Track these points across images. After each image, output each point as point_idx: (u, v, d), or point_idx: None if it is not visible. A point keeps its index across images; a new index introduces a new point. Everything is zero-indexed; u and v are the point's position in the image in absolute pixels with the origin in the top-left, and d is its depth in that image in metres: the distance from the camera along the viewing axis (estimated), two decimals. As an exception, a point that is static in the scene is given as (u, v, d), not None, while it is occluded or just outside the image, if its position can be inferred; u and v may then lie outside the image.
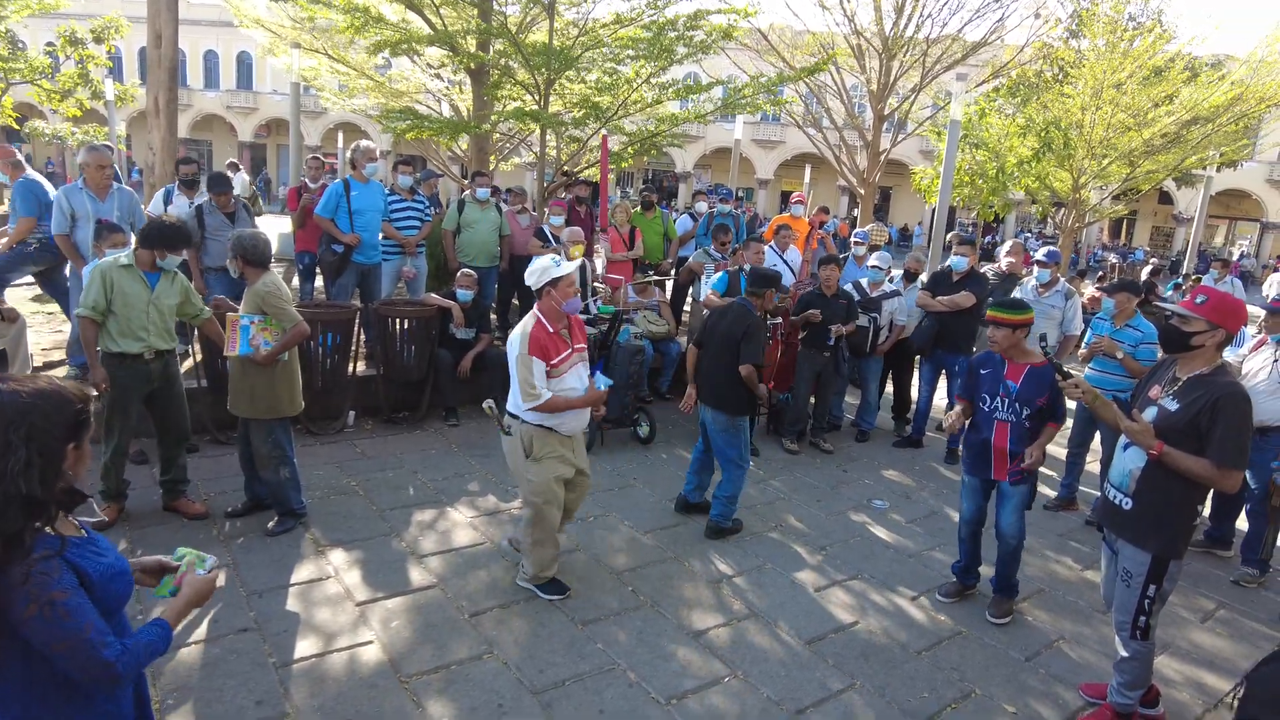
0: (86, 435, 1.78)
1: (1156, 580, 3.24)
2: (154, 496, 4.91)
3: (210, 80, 42.63)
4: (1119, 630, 3.39)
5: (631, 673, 3.61)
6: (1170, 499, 3.17)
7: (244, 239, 4.55)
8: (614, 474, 5.97)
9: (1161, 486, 3.16)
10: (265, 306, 4.52)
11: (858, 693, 3.61)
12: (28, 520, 1.63)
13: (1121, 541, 3.33)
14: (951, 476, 6.51)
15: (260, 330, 4.53)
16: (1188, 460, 3.06)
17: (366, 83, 12.26)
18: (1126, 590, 3.31)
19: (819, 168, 23.38)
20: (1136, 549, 3.24)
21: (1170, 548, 3.21)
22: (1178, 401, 3.15)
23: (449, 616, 3.95)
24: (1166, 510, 3.18)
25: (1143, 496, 3.21)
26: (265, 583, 4.13)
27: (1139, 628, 3.31)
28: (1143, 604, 3.27)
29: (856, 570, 4.78)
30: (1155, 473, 3.16)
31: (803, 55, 16.43)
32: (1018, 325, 4.10)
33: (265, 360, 4.51)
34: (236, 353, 4.48)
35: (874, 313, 6.94)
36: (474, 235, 7.76)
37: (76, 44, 20.61)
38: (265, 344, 4.52)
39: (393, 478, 5.56)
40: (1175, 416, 3.13)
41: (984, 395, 4.21)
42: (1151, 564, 3.22)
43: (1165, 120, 14.04)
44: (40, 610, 1.63)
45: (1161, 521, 3.19)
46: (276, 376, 4.60)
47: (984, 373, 4.23)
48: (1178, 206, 35.08)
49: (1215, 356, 3.18)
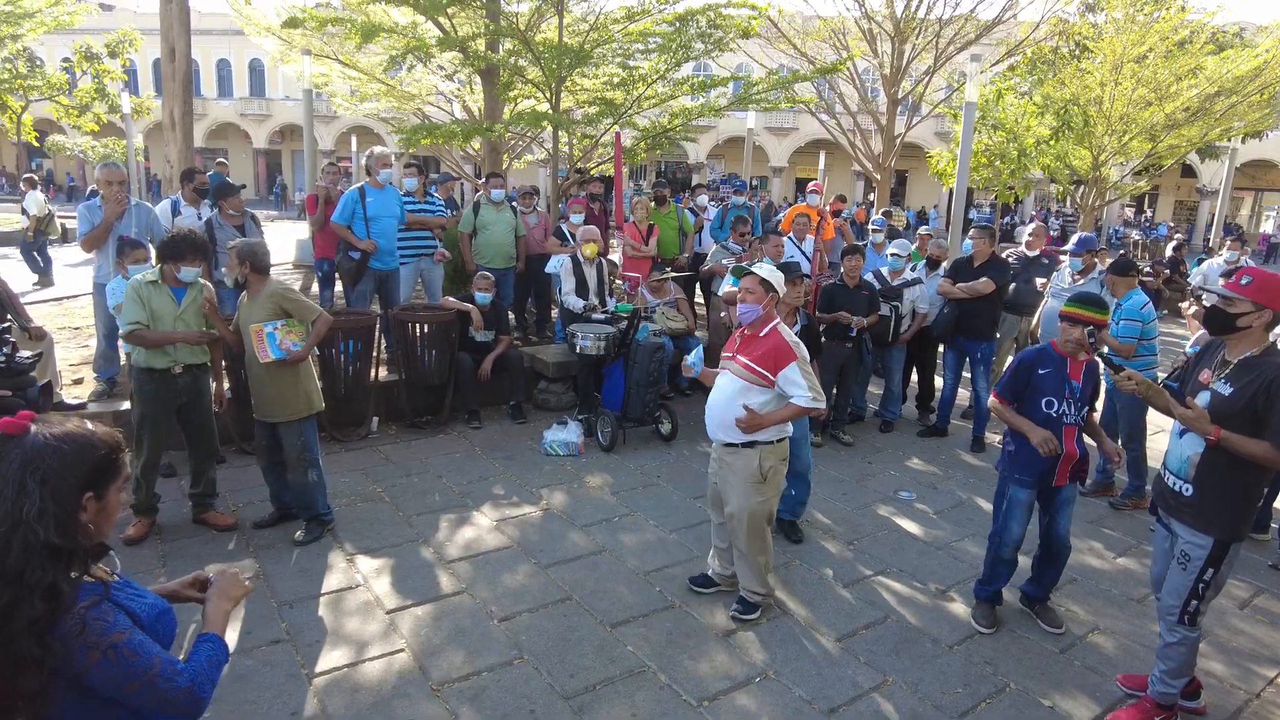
0: (112, 485, 1.68)
1: (1216, 564, 3.20)
2: (183, 509, 4.96)
3: (224, 89, 43.07)
4: (1166, 615, 3.34)
5: (662, 674, 3.60)
6: (1234, 483, 3.14)
7: (253, 247, 4.61)
8: (638, 472, 5.96)
9: (1224, 472, 3.13)
10: (287, 305, 4.60)
11: (891, 689, 3.58)
12: (57, 570, 1.54)
13: (1181, 525, 3.28)
14: (977, 465, 6.44)
15: (286, 333, 4.59)
16: (1248, 444, 3.02)
17: (378, 87, 12.31)
18: (1182, 573, 3.26)
19: (833, 153, 23.18)
20: (1198, 533, 3.21)
21: (1235, 531, 3.18)
22: (1231, 385, 3.11)
23: (479, 622, 3.96)
24: (1231, 495, 3.15)
25: (1205, 482, 3.17)
26: (295, 593, 4.16)
27: (1188, 612, 3.26)
28: (1197, 588, 3.23)
29: (885, 564, 4.74)
30: (1216, 458, 3.12)
31: (814, 41, 16.30)
32: (1102, 324, 3.93)
33: (301, 358, 4.61)
34: (272, 359, 4.52)
35: (895, 301, 6.86)
36: (490, 237, 7.77)
37: (92, 59, 20.90)
38: (294, 345, 4.59)
39: (418, 483, 5.59)
40: (1230, 400, 3.09)
41: (1049, 398, 3.84)
42: (1214, 548, 3.19)
43: (1188, 94, 13.77)
44: (104, 655, 1.57)
45: (1226, 506, 3.16)
46: (301, 375, 4.68)
47: (1044, 373, 3.86)
48: (1201, 180, 34.44)
49: (1264, 337, 3.12)
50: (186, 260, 4.53)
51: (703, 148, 38.73)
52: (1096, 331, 3.92)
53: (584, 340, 6.44)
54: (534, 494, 5.46)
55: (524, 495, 5.45)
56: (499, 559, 4.58)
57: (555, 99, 10.18)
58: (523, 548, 4.71)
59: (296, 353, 4.58)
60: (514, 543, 4.77)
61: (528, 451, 6.24)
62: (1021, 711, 3.50)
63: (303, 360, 4.65)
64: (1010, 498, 4.00)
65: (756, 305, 3.83)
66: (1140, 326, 5.43)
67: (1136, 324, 5.43)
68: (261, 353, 4.53)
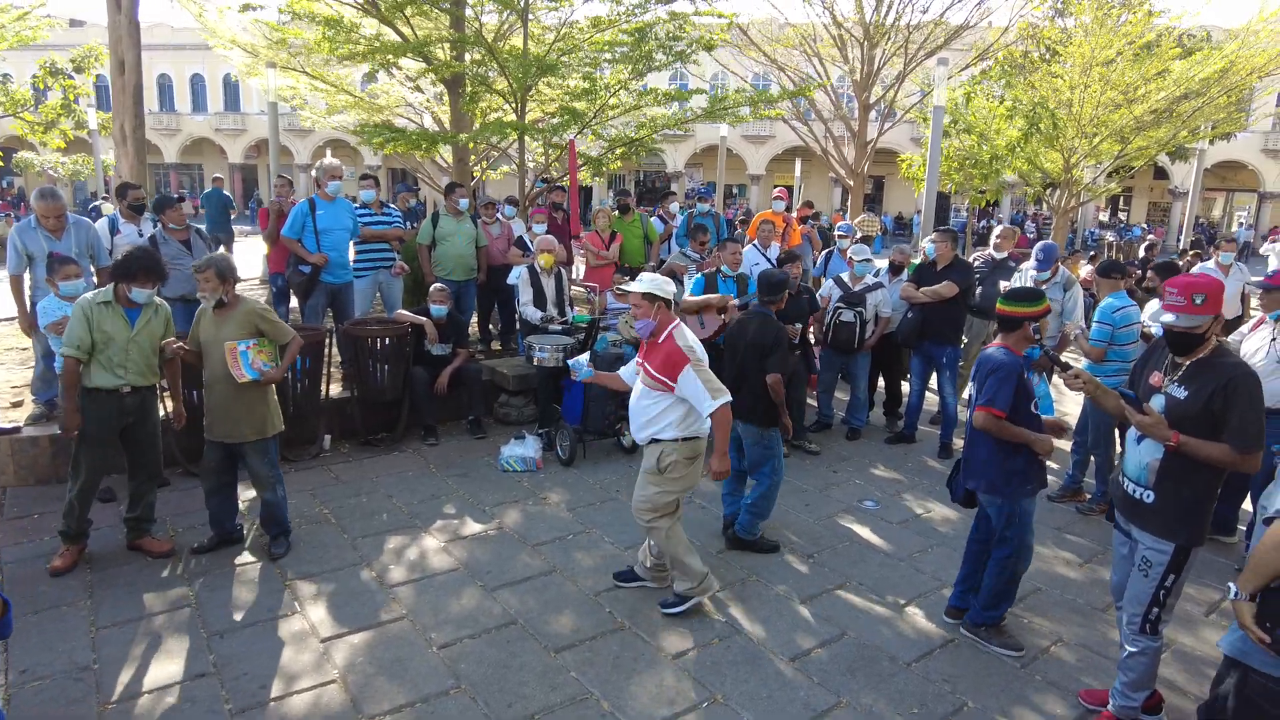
0: None
1: (1177, 570, 3.14)
2: (117, 535, 4.76)
3: (198, 104, 42.69)
4: (1128, 624, 3.26)
5: (605, 702, 3.44)
6: (1194, 488, 3.08)
7: (224, 261, 4.51)
8: (597, 487, 5.80)
9: (1184, 477, 3.07)
10: (262, 325, 4.52)
11: (843, 712, 3.44)
12: None
13: (1142, 531, 3.20)
14: (944, 471, 6.31)
15: (257, 353, 4.48)
16: (1207, 447, 2.97)
17: (346, 99, 12.14)
18: (1144, 580, 3.19)
19: (810, 161, 23.24)
20: (1160, 539, 3.13)
21: (1196, 536, 3.12)
22: (1185, 388, 3.05)
23: (417, 650, 3.79)
24: (1192, 500, 3.10)
25: (1166, 488, 3.11)
26: (227, 623, 3.97)
27: (1149, 620, 3.19)
28: (1158, 595, 3.16)
29: (845, 578, 4.61)
30: (1175, 464, 3.07)
31: (784, 48, 16.29)
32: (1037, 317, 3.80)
33: (276, 379, 4.55)
34: (247, 379, 4.39)
35: (859, 307, 6.76)
36: (450, 248, 7.62)
37: (57, 75, 20.56)
38: (265, 365, 4.49)
39: (366, 503, 5.41)
40: (1186, 404, 3.03)
41: (1035, 400, 3.84)
42: (1175, 554, 3.12)
43: (1156, 96, 13.83)
44: None
45: (1187, 511, 3.10)
46: (268, 393, 4.60)
47: (1027, 376, 3.82)
48: (1173, 181, 34.76)
49: (1213, 339, 3.11)
50: (138, 280, 4.35)
51: (680, 156, 38.78)
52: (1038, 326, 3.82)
53: (542, 352, 6.30)
54: (487, 512, 5.29)
55: (476, 514, 5.28)
56: (444, 582, 4.40)
57: (520, 108, 10.07)
58: (470, 570, 4.54)
59: (270, 374, 4.50)
60: (461, 564, 4.60)
61: (484, 468, 6.07)
62: (979, 731, 3.37)
63: (277, 381, 4.59)
64: (1024, 512, 3.84)
65: (648, 319, 3.98)
66: (1111, 330, 5.32)
67: (1107, 328, 5.32)
68: (236, 372, 4.38)
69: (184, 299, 6.06)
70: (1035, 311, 3.78)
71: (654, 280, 4.04)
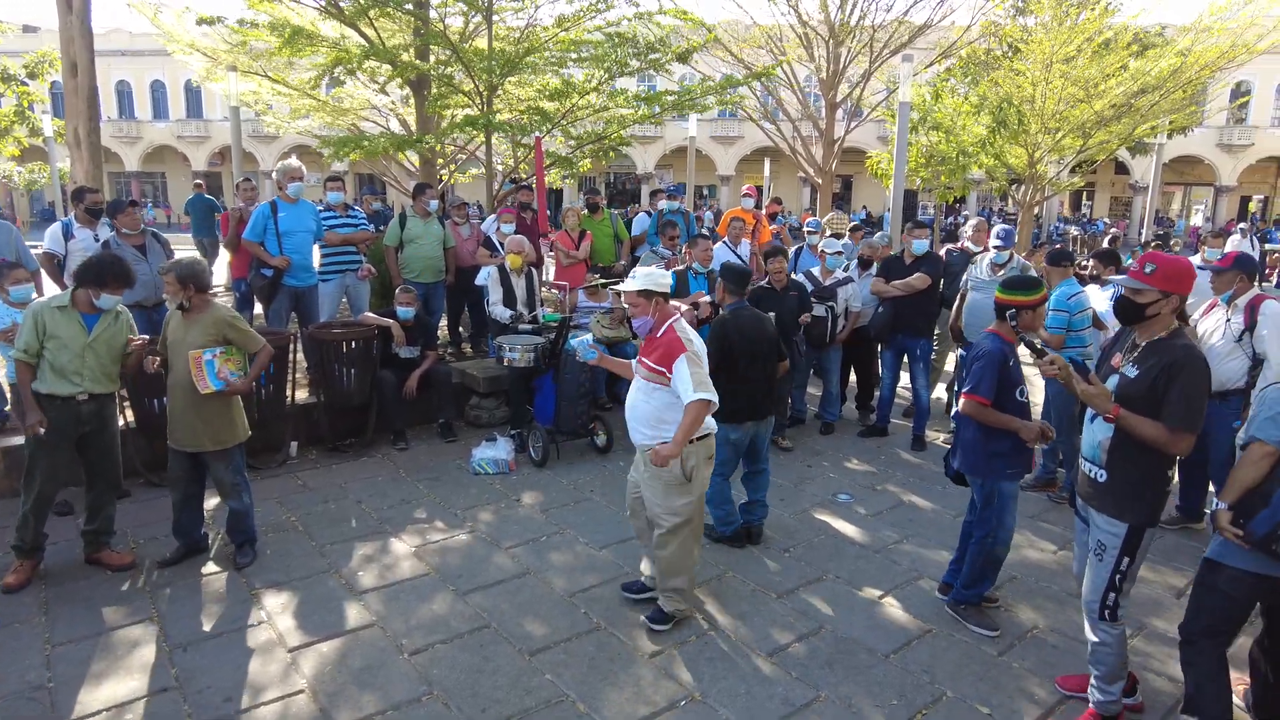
0: None
1: (1131, 552, 3.14)
2: (75, 550, 4.61)
3: (159, 111, 41.88)
4: (1088, 613, 3.27)
5: (581, 704, 3.38)
6: (1145, 465, 3.09)
7: (192, 266, 4.37)
8: (571, 488, 5.73)
9: (1134, 455, 3.08)
10: (231, 334, 4.40)
11: (823, 706, 3.41)
12: None
13: (1096, 514, 3.22)
14: (917, 463, 6.35)
15: (224, 362, 4.36)
16: (1143, 425, 2.99)
17: (310, 103, 11.94)
18: (1099, 564, 3.20)
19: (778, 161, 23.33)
20: (1113, 520, 3.14)
21: (1148, 515, 3.13)
22: (1137, 368, 3.08)
23: (388, 657, 3.69)
24: (1142, 477, 3.10)
25: (1116, 467, 3.13)
26: (190, 635, 3.85)
27: (1108, 606, 3.20)
28: (1114, 579, 3.16)
29: (822, 571, 4.58)
30: (1125, 442, 3.08)
31: (750, 48, 16.34)
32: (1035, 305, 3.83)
33: (243, 390, 4.44)
34: (212, 389, 4.28)
35: (830, 302, 6.75)
36: (418, 250, 7.50)
37: (10, 81, 20.06)
38: (232, 375, 4.37)
39: (334, 510, 5.29)
40: (1135, 383, 3.06)
41: (1021, 388, 3.83)
42: (1128, 534, 3.12)
43: (1115, 91, 14.09)
44: None
45: (1138, 490, 3.11)
46: (231, 402, 4.47)
47: (1013, 365, 3.82)
48: (1134, 175, 35.46)
49: (1172, 321, 3.11)
50: (109, 287, 4.25)
51: (650, 157, 38.79)
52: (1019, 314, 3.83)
53: (512, 352, 6.21)
54: (458, 516, 5.20)
55: (448, 518, 5.19)
56: (415, 588, 4.31)
57: (486, 107, 9.96)
58: (442, 574, 4.45)
59: (236, 384, 4.39)
60: (433, 569, 4.51)
61: (455, 471, 5.97)
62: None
63: (243, 392, 4.49)
64: (1003, 493, 3.91)
65: (645, 316, 3.86)
66: (1068, 317, 5.39)
67: (1064, 314, 5.39)
68: (200, 383, 4.26)
69: (140, 305, 5.90)
70: (1031, 300, 3.80)
71: (648, 275, 3.86)
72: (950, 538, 4.30)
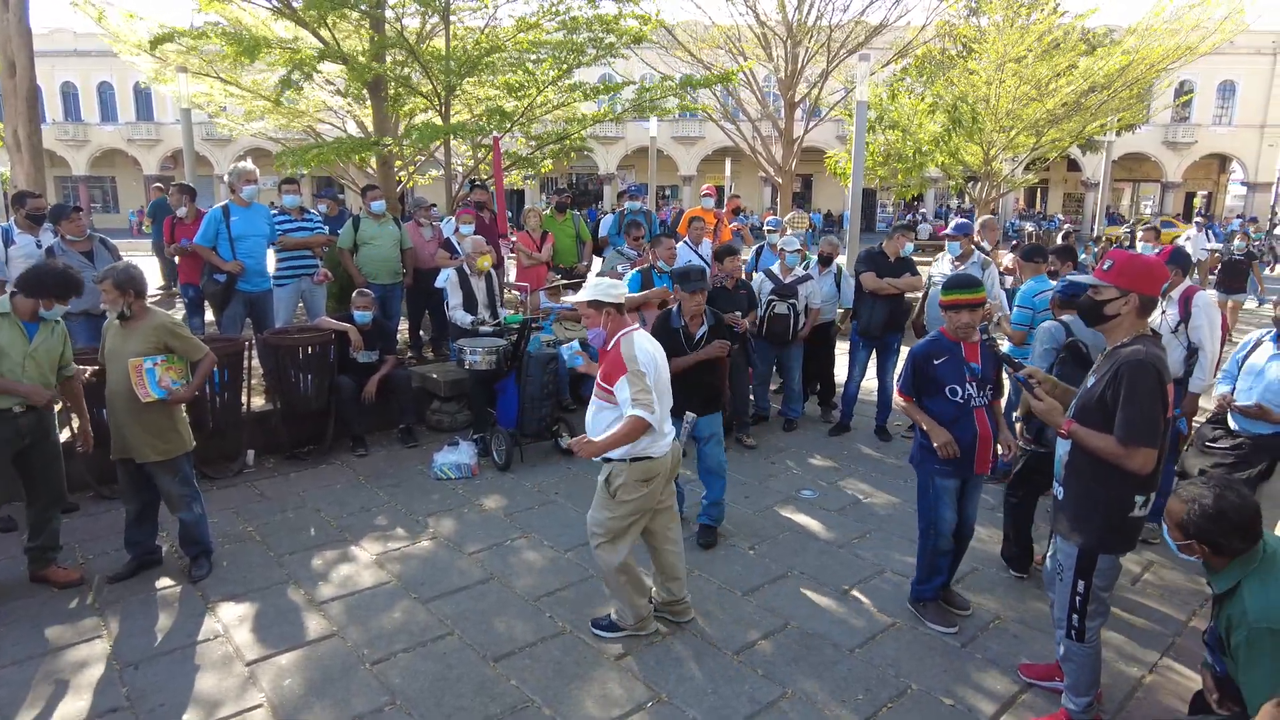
0: None
1: (1085, 576, 3.01)
2: (19, 567, 4.44)
3: (107, 113, 40.75)
4: (1057, 626, 3.21)
5: (547, 709, 3.34)
6: (1094, 486, 2.94)
7: (129, 272, 4.24)
8: (535, 490, 5.68)
9: (1085, 472, 2.95)
10: (172, 342, 4.28)
11: (790, 702, 3.41)
12: None
13: (1056, 532, 3.15)
14: (879, 458, 6.40)
15: (165, 370, 4.23)
16: (1095, 438, 2.85)
17: (263, 104, 11.69)
18: (1060, 585, 3.13)
19: (740, 161, 23.43)
20: (1066, 541, 3.04)
21: (1097, 541, 2.96)
22: (1094, 376, 2.97)
23: (349, 667, 3.62)
24: (1095, 499, 2.94)
25: (1071, 484, 3.01)
26: (142, 652, 3.73)
27: (1074, 627, 3.09)
28: (1074, 601, 3.06)
29: (787, 568, 4.60)
30: (1078, 458, 2.96)
31: (709, 48, 16.38)
32: (979, 304, 3.78)
33: (185, 398, 4.33)
34: (153, 398, 4.15)
35: (791, 299, 6.78)
36: (374, 251, 7.39)
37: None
38: (174, 383, 4.24)
39: (293, 519, 5.18)
40: (1089, 393, 2.93)
41: (952, 387, 3.74)
42: (1079, 557, 3.00)
43: (1065, 90, 14.41)
44: None
45: (1086, 511, 2.97)
46: (173, 411, 4.34)
47: (940, 363, 3.76)
48: (1085, 173, 36.35)
49: (1137, 324, 2.93)
50: (61, 297, 4.14)
51: (612, 158, 38.77)
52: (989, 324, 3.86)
53: (473, 355, 6.14)
54: (420, 523, 5.12)
55: (409, 525, 5.11)
56: (376, 596, 4.23)
57: (445, 110, 9.85)
58: (404, 582, 4.38)
59: (179, 393, 4.27)
60: (394, 577, 4.43)
61: (417, 477, 5.88)
62: (924, 712, 3.37)
63: (186, 401, 4.37)
64: (933, 488, 3.86)
65: (597, 327, 3.74)
66: (1032, 314, 5.41)
67: (1028, 311, 5.41)
68: (141, 390, 4.13)
69: (87, 314, 5.72)
70: (972, 299, 3.76)
71: (597, 285, 3.70)
72: (913, 531, 4.33)
